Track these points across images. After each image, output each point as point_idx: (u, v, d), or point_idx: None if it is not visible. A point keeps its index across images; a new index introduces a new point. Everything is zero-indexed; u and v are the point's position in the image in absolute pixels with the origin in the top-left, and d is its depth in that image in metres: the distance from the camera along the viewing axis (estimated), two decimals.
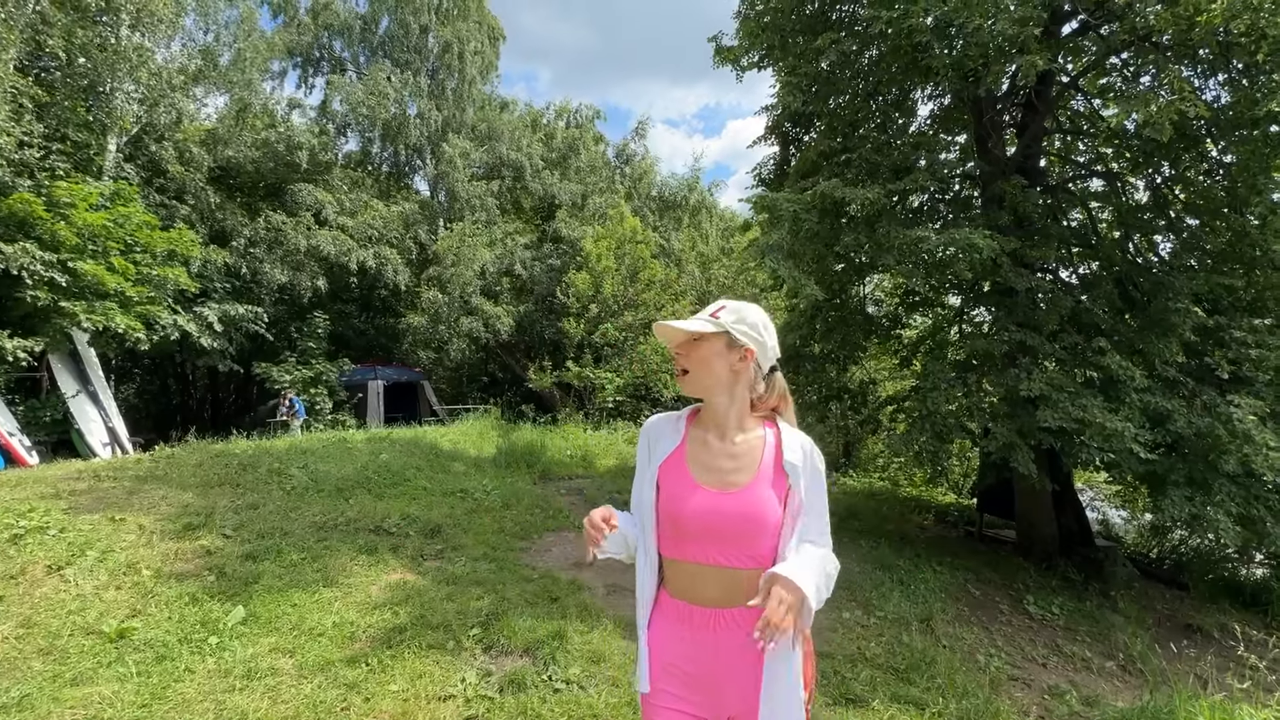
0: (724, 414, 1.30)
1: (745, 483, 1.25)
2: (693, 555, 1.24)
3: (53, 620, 3.06)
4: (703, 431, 1.32)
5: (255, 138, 15.90)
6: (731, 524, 1.22)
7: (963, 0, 5.19)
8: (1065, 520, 7.43)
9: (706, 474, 1.27)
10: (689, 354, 1.28)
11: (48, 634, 2.94)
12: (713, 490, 1.25)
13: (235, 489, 5.61)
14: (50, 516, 4.26)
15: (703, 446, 1.30)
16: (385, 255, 16.43)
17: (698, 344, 1.27)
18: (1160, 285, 6.09)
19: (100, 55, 10.74)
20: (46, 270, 8.85)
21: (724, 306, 1.29)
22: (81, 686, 2.58)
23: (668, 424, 1.36)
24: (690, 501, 1.24)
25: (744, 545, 1.23)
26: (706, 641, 1.24)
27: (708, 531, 1.23)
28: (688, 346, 1.28)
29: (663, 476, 1.29)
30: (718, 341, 1.26)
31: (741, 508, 1.23)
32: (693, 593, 1.25)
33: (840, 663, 3.62)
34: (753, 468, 1.27)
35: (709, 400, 1.31)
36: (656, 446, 1.33)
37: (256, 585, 3.70)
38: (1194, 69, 5.92)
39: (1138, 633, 5.13)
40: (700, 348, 1.27)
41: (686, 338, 1.28)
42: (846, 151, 6.97)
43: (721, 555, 1.23)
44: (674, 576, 1.29)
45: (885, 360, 10.68)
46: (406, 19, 19.22)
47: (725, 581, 1.23)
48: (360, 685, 2.78)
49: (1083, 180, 7.89)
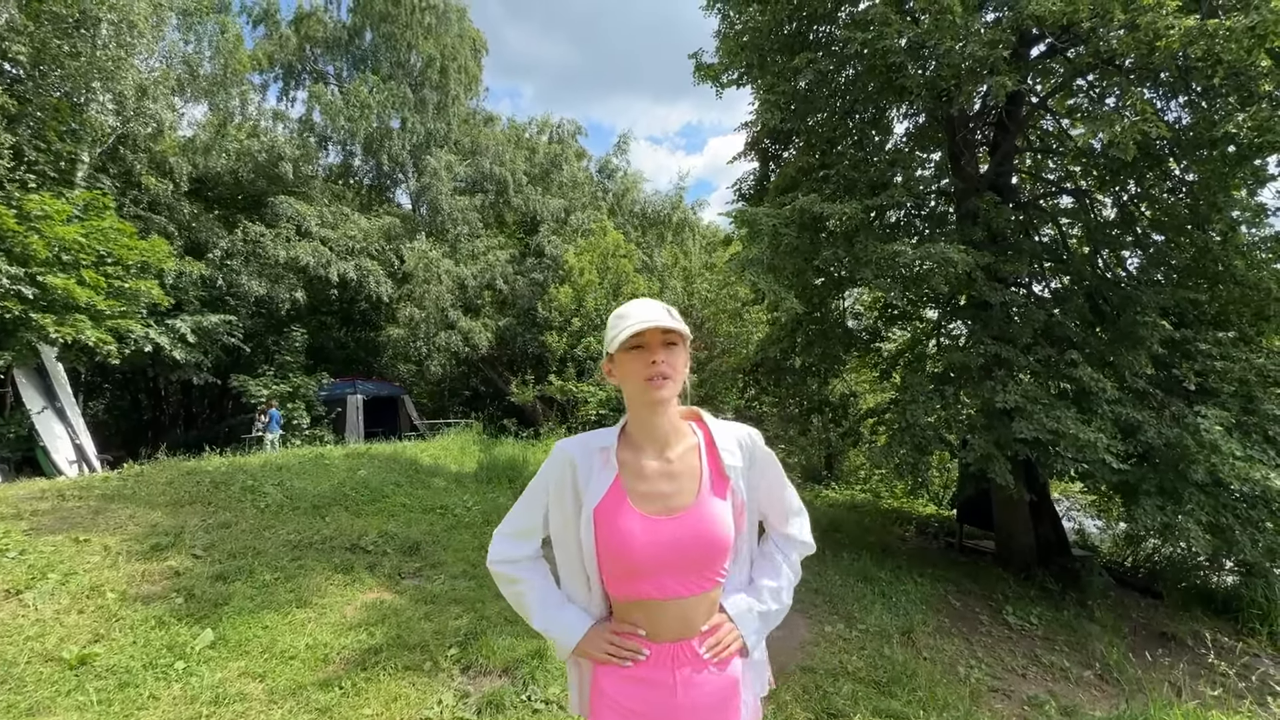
0: (667, 426, 1.18)
1: (689, 503, 1.14)
2: (646, 592, 1.13)
3: (9, 647, 2.94)
4: (634, 455, 1.18)
5: (236, 147, 15.73)
6: (685, 551, 1.12)
7: (934, 23, 5.34)
8: (1043, 530, 7.53)
9: (648, 503, 1.14)
10: (670, 358, 1.13)
11: (3, 662, 2.82)
12: (659, 518, 1.13)
13: (207, 507, 5.47)
14: (10, 538, 4.11)
15: (638, 474, 1.16)
16: (367, 267, 16.28)
17: (677, 346, 1.15)
18: (1129, 299, 6.26)
19: (75, 65, 10.58)
20: (13, 284, 8.62)
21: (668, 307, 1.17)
22: (38, 717, 2.48)
23: (593, 455, 1.19)
24: (637, 537, 1.11)
25: (702, 569, 1.14)
26: (664, 681, 1.14)
27: (660, 564, 1.12)
28: (668, 350, 1.13)
29: (601, 516, 1.14)
30: (685, 346, 1.16)
31: (692, 531, 1.12)
32: (649, 631, 1.15)
33: (822, 677, 3.61)
34: (694, 483, 1.16)
35: (662, 412, 1.16)
36: (587, 487, 1.17)
37: (227, 607, 3.60)
38: (1156, 91, 6.14)
39: (1114, 642, 5.20)
40: (681, 352, 1.16)
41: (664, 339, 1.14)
42: (825, 167, 7.09)
43: (679, 585, 1.13)
44: (625, 616, 1.18)
45: (866, 373, 10.80)
46: (390, 31, 19.23)
47: (685, 612, 1.14)
48: (333, 709, 2.71)
49: (1053, 197, 8.12)
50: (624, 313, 1.15)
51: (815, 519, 5.71)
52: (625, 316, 1.14)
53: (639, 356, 1.13)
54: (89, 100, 11.25)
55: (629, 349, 1.13)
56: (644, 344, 1.12)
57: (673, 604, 1.13)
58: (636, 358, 1.13)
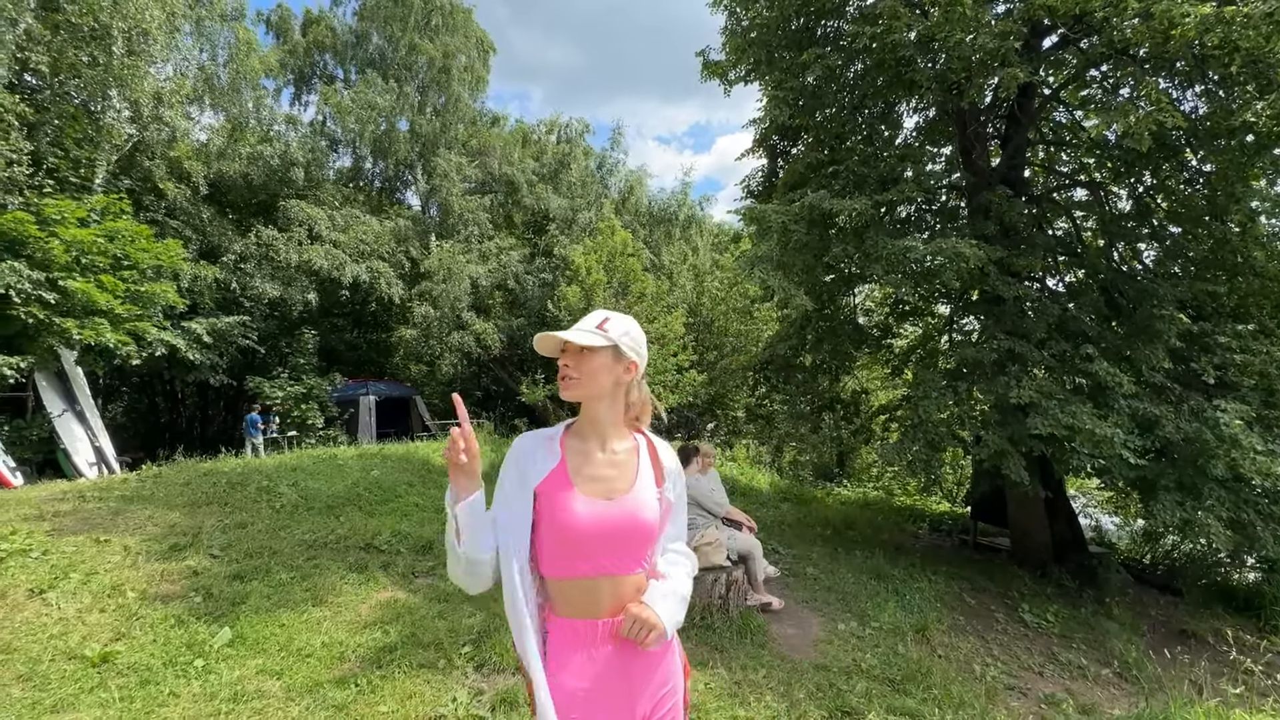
0: (604, 423, 1.32)
1: (628, 489, 1.28)
2: (584, 570, 1.23)
3: (33, 645, 3.00)
4: (581, 443, 1.32)
5: (249, 152, 15.91)
6: (622, 530, 1.24)
7: (944, 15, 5.29)
8: (1058, 527, 7.45)
9: (591, 484, 1.26)
10: (577, 364, 1.28)
11: (28, 660, 2.88)
12: (600, 499, 1.25)
13: (223, 508, 5.54)
14: (33, 539, 4.19)
15: (584, 459, 1.29)
16: (379, 269, 16.40)
17: (588, 355, 1.28)
18: (1145, 292, 6.17)
19: (92, 74, 10.75)
20: (35, 289, 8.78)
21: (608, 319, 1.31)
22: (62, 713, 2.52)
23: (540, 443, 1.32)
24: (579, 514, 1.22)
25: (633, 550, 1.27)
26: (605, 654, 1.24)
27: (599, 541, 1.23)
28: (576, 357, 1.28)
29: (542, 495, 1.25)
30: (606, 354, 1.29)
31: (630, 513, 1.25)
32: (587, 608, 1.24)
33: (835, 674, 3.59)
34: (632, 474, 1.31)
35: (590, 409, 1.32)
36: (531, 467, 1.28)
37: (244, 606, 3.65)
38: (1171, 81, 6.05)
39: (1132, 639, 5.13)
40: (590, 359, 1.28)
41: (576, 349, 1.28)
42: (834, 163, 7.06)
43: (613, 564, 1.24)
44: (563, 595, 1.26)
45: (877, 370, 10.74)
46: (395, 34, 19.33)
47: (618, 589, 1.25)
48: (349, 707, 2.74)
49: (1066, 190, 8.02)
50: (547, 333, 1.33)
51: (827, 517, 5.75)
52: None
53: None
54: (106, 108, 11.42)
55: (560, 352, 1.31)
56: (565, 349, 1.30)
57: (606, 581, 1.24)
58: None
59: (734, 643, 3.83)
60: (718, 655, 3.64)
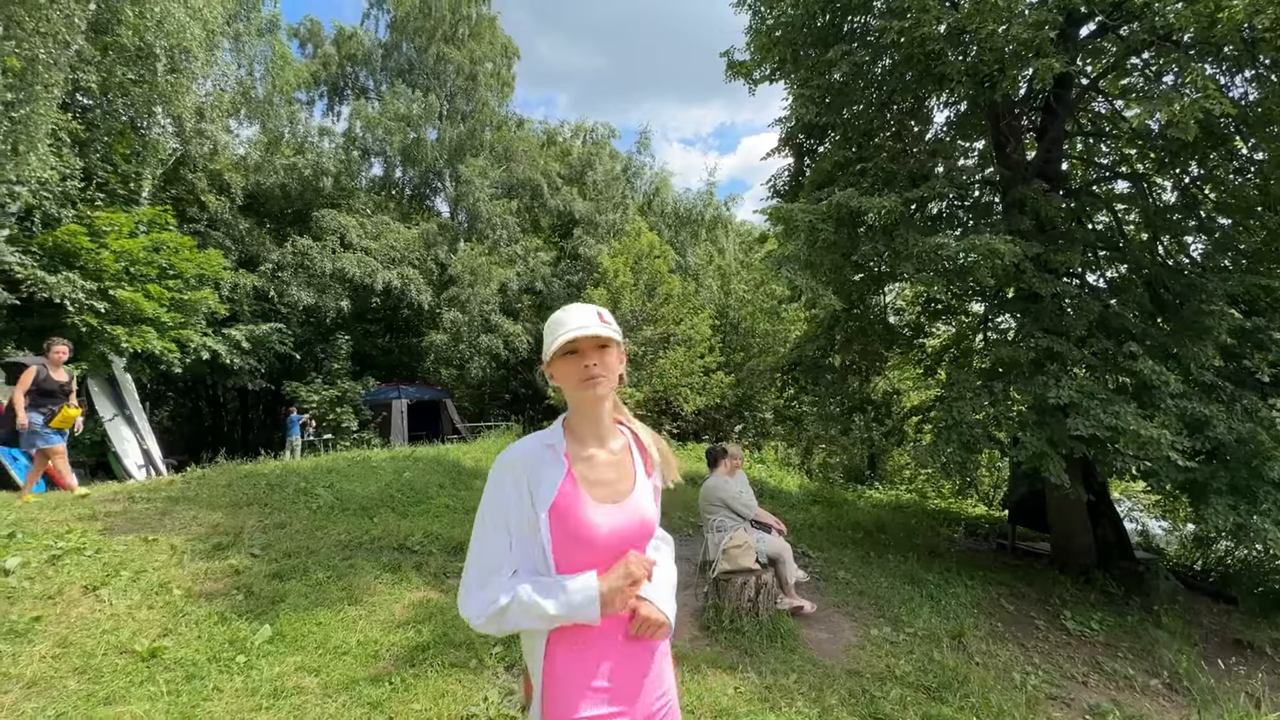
0: (607, 421, 1.31)
1: (631, 489, 1.28)
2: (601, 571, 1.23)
3: (88, 640, 3.13)
4: (582, 448, 1.27)
5: (285, 163, 16.42)
6: (631, 533, 1.25)
7: (975, 7, 5.17)
8: (1102, 532, 7.19)
9: (600, 489, 1.24)
10: (602, 360, 1.23)
11: (83, 653, 3.00)
12: (609, 505, 1.24)
13: (263, 508, 5.71)
14: (87, 538, 4.37)
15: (589, 464, 1.26)
16: (409, 275, 16.74)
17: (608, 350, 1.24)
18: (1193, 287, 5.93)
19: (138, 92, 11.23)
20: (88, 298, 9.21)
21: (600, 311, 1.25)
22: (114, 705, 2.63)
23: (541, 453, 1.24)
24: (597, 524, 1.20)
25: (640, 547, 1.28)
26: (619, 646, 1.23)
27: (614, 546, 1.22)
28: (599, 353, 1.23)
29: (556, 509, 1.19)
30: (616, 347, 1.26)
31: (638, 514, 1.26)
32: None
33: (869, 681, 3.53)
34: (631, 472, 1.30)
35: (597, 408, 1.27)
36: (539, 484, 1.21)
37: (283, 604, 3.75)
38: (1218, 66, 5.80)
39: (1183, 649, 4.92)
40: (610, 354, 1.25)
41: (593, 345, 1.22)
42: (862, 161, 6.95)
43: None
44: None
45: (909, 370, 10.53)
46: (424, 44, 19.77)
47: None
48: (384, 704, 2.79)
49: (1107, 182, 7.75)
50: (559, 320, 1.24)
51: (858, 520, 5.67)
52: (561, 324, 1.22)
53: (574, 361, 1.22)
54: (151, 124, 11.93)
55: (564, 354, 1.22)
56: (578, 349, 1.22)
57: None
58: (571, 363, 1.22)
59: (764, 646, 3.79)
60: (747, 659, 3.61)
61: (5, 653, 2.88)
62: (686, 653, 3.63)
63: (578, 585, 1.16)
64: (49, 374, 5.69)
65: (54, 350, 5.80)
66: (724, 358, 17.08)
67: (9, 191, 8.25)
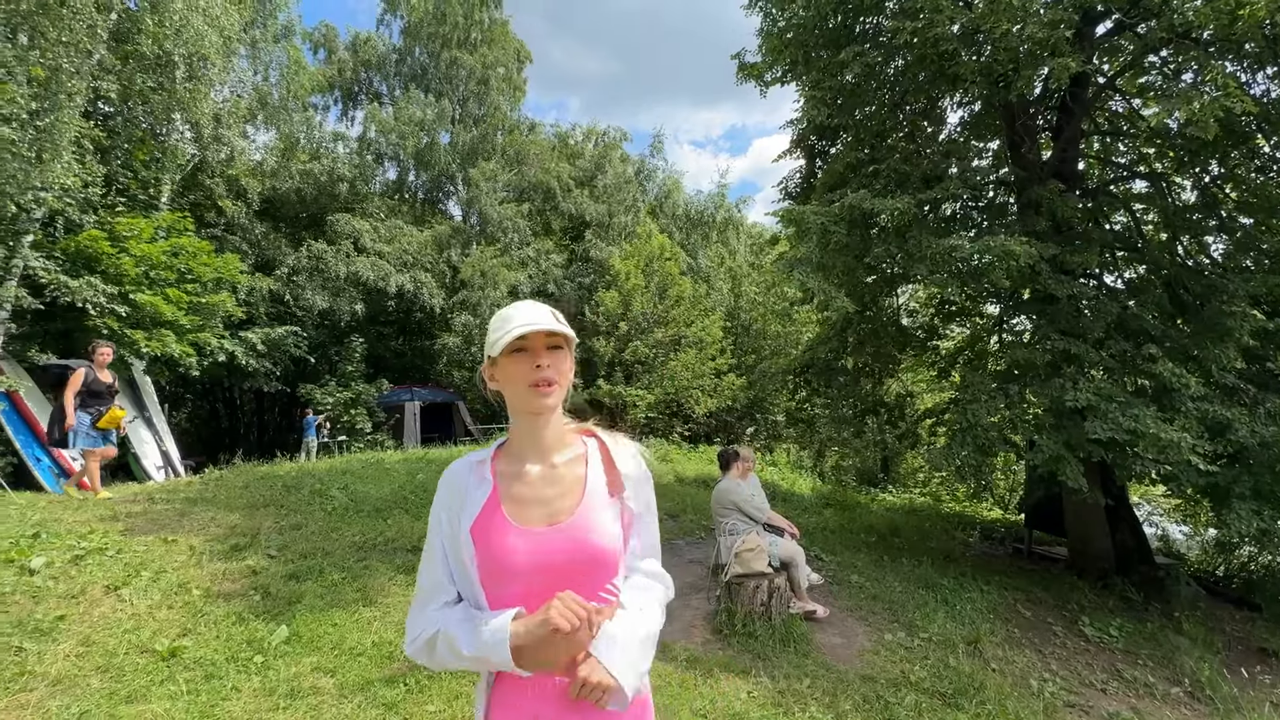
0: (553, 431, 1.13)
1: (572, 511, 1.08)
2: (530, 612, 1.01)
3: (110, 639, 3.19)
4: (515, 465, 1.12)
5: (300, 169, 16.63)
6: (567, 565, 1.04)
7: (989, 7, 5.13)
8: (1121, 536, 7.08)
9: (527, 510, 1.08)
10: (556, 364, 1.08)
11: (105, 652, 3.06)
12: (537, 529, 1.06)
13: (279, 510, 5.78)
14: (108, 538, 4.45)
15: (518, 481, 1.10)
16: (421, 279, 16.88)
17: (562, 350, 1.10)
18: (1213, 288, 5.83)
19: (157, 99, 11.43)
20: (109, 302, 9.38)
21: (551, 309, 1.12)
22: (136, 704, 2.67)
23: (469, 473, 1.13)
24: (513, 549, 1.03)
25: (590, 582, 1.06)
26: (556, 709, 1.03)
27: (541, 577, 1.03)
28: (551, 354, 1.08)
29: (477, 534, 1.06)
30: (570, 349, 1.11)
31: (575, 540, 1.05)
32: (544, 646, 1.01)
33: (883, 686, 3.50)
34: (578, 490, 1.10)
35: (547, 418, 1.11)
36: (463, 504, 1.09)
37: (299, 605, 3.79)
38: (1239, 63, 5.71)
39: (1206, 657, 4.82)
40: (562, 356, 1.10)
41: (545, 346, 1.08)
42: (874, 162, 6.91)
43: None
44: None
45: (922, 372, 10.44)
46: (437, 49, 19.95)
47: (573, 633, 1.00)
48: (399, 705, 2.81)
49: (1125, 182, 7.65)
50: (507, 315, 1.10)
51: (871, 524, 5.63)
52: (509, 319, 1.08)
53: (522, 360, 1.07)
54: (170, 130, 12.13)
55: (511, 352, 1.08)
56: (527, 347, 1.07)
57: None
58: (520, 361, 1.07)
59: (776, 651, 3.78)
60: (760, 663, 3.60)
61: (31, 651, 2.94)
62: (699, 657, 3.62)
63: (493, 625, 0.99)
64: (95, 375, 5.83)
65: (99, 352, 5.95)
66: (735, 360, 17.05)
67: (34, 198, 8.42)
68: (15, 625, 3.14)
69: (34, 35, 8.12)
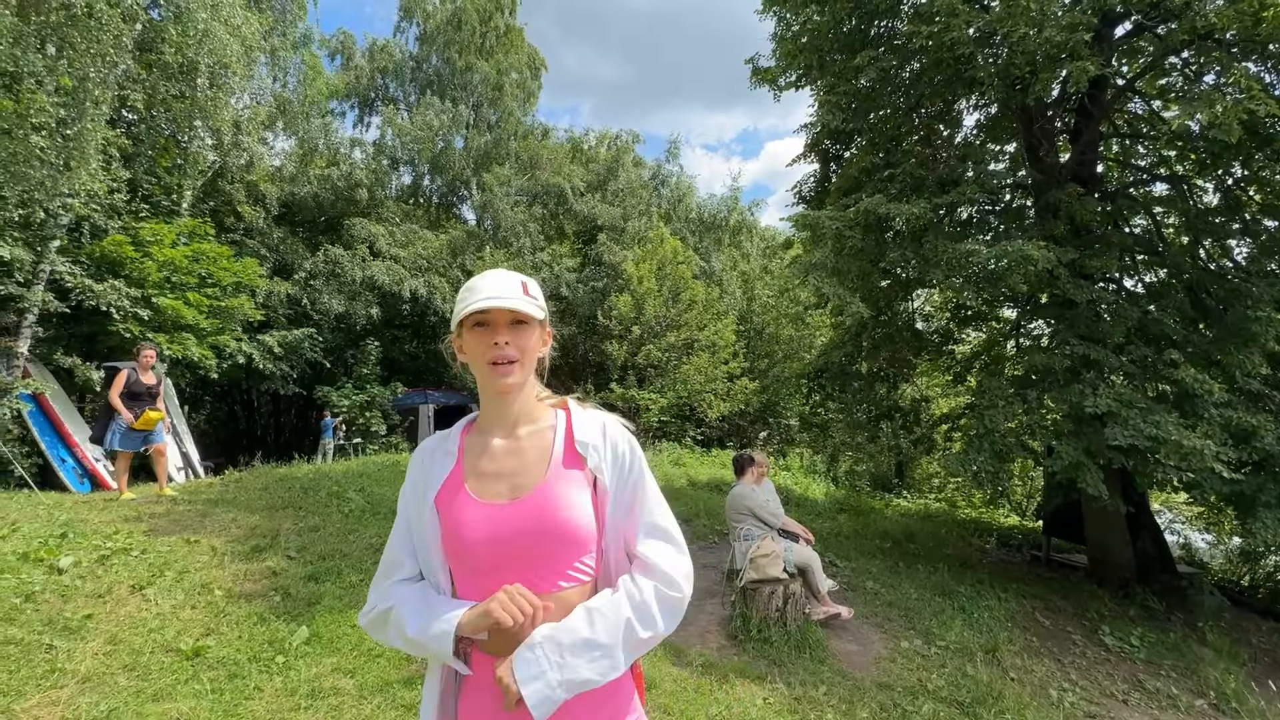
0: (518, 409, 1.09)
1: (536, 484, 1.02)
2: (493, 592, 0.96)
3: (136, 638, 3.25)
4: (482, 437, 1.09)
5: (318, 174, 16.87)
6: (529, 539, 0.98)
7: (1006, 10, 5.11)
8: (1142, 544, 6.97)
9: (489, 484, 1.03)
10: (517, 340, 1.03)
11: (131, 651, 3.12)
12: (499, 503, 1.01)
13: (298, 511, 5.85)
14: (133, 538, 4.54)
15: (482, 454, 1.06)
16: (435, 284, 17.02)
17: (526, 327, 1.05)
18: (1237, 292, 5.74)
19: (180, 107, 11.66)
20: (132, 306, 9.57)
21: (525, 281, 1.06)
22: (162, 702, 2.72)
23: (438, 446, 1.11)
24: (471, 524, 0.99)
25: (556, 560, 1.00)
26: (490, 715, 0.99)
27: (502, 553, 0.98)
28: (513, 330, 1.03)
29: (440, 506, 1.03)
30: (537, 326, 1.07)
31: (535, 514, 0.99)
32: (504, 642, 0.95)
33: (900, 695, 3.48)
34: (543, 463, 1.04)
35: (515, 394, 1.07)
36: (430, 475, 1.07)
37: (319, 606, 3.84)
38: (1263, 65, 5.63)
39: (1231, 668, 4.73)
40: (528, 334, 1.05)
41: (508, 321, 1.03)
42: (889, 166, 6.88)
43: (536, 581, 0.98)
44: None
45: (938, 377, 10.35)
46: (453, 56, 20.14)
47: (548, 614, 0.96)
48: (417, 707, 2.84)
49: (1145, 185, 7.55)
50: (472, 285, 1.04)
51: (886, 530, 5.59)
52: (473, 290, 1.03)
53: (482, 336, 1.03)
54: (192, 137, 12.36)
55: (473, 326, 1.03)
56: (488, 321, 1.03)
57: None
58: (480, 337, 1.03)
59: (792, 657, 3.77)
60: (776, 669, 3.59)
61: (61, 648, 3.01)
62: (714, 662, 3.62)
63: (445, 613, 0.97)
64: (138, 377, 5.99)
65: (143, 354, 6.11)
66: (748, 364, 17.00)
67: (61, 204, 8.62)
68: (46, 623, 3.22)
69: (62, 46, 8.32)
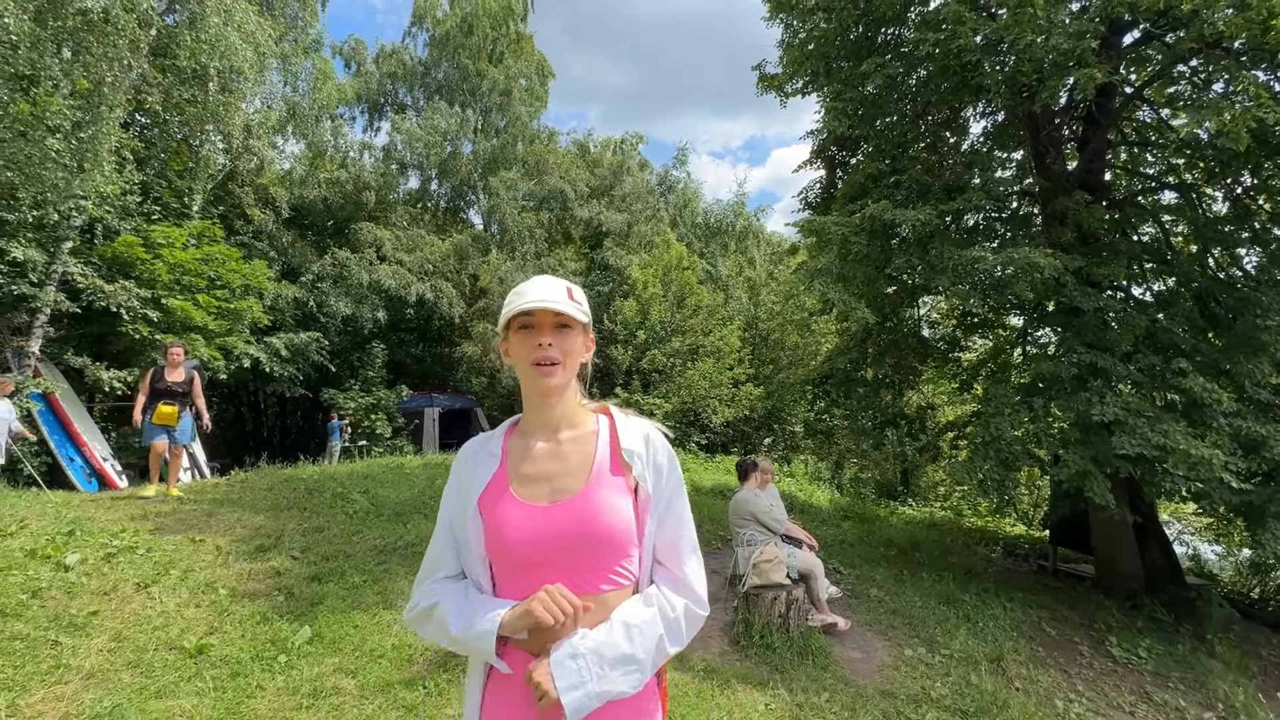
0: (560, 412, 1.11)
1: (578, 488, 1.05)
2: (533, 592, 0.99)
3: (140, 635, 3.27)
4: (525, 440, 1.11)
5: (327, 178, 17.01)
6: (570, 541, 1.01)
7: (1013, 17, 5.11)
8: (1150, 555, 6.89)
9: (531, 486, 1.06)
10: (559, 341, 1.05)
11: (135, 648, 3.14)
12: (540, 505, 1.04)
13: (302, 512, 5.87)
14: (139, 537, 4.57)
15: (524, 457, 1.09)
16: (441, 288, 17.10)
17: (569, 330, 1.07)
18: (1246, 301, 5.70)
19: (192, 111, 11.80)
20: (142, 307, 9.66)
21: (569, 287, 1.09)
22: (165, 699, 2.74)
23: (481, 448, 1.14)
24: (514, 525, 1.02)
25: (597, 563, 1.03)
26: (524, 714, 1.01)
27: (543, 555, 1.01)
28: (557, 333, 1.06)
29: (484, 507, 1.06)
30: (580, 329, 1.09)
31: (577, 517, 1.02)
32: (542, 641, 0.98)
33: (903, 703, 3.45)
34: (585, 467, 1.07)
35: (557, 397, 1.09)
36: (473, 476, 1.10)
37: (321, 606, 3.85)
38: (1272, 73, 5.60)
39: (1240, 681, 4.67)
40: (571, 336, 1.07)
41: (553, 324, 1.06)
42: (895, 173, 6.88)
43: (578, 582, 1.01)
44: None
45: (944, 384, 10.31)
46: (463, 62, 20.29)
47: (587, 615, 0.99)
48: (418, 707, 2.84)
49: (1153, 193, 7.52)
50: (520, 289, 1.08)
51: (891, 537, 5.57)
52: (520, 294, 1.06)
53: (527, 338, 1.06)
54: (203, 141, 12.50)
55: (518, 328, 1.07)
56: (533, 324, 1.06)
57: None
58: (524, 339, 1.06)
59: (794, 664, 3.75)
60: (778, 676, 3.57)
61: (66, 645, 3.03)
62: (716, 667, 3.60)
63: (487, 612, 1.00)
64: (163, 375, 6.10)
65: (170, 352, 6.26)
66: (753, 370, 16.98)
67: (74, 206, 8.72)
68: (52, 620, 3.24)
69: (78, 50, 8.45)
